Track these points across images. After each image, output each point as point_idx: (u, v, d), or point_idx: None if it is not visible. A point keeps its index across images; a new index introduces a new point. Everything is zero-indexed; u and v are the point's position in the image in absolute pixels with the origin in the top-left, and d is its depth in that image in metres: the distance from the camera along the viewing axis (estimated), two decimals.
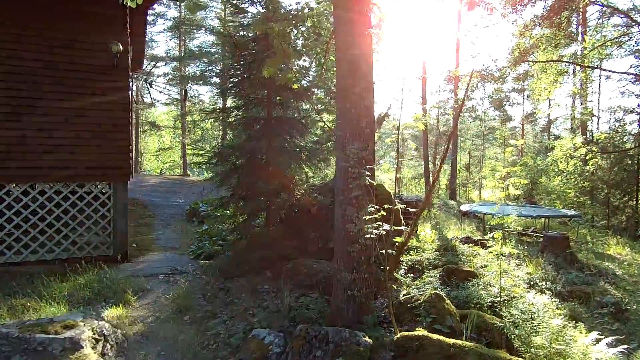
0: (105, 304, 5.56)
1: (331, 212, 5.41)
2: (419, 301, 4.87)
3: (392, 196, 7.59)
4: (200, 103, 36.65)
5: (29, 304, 5.31)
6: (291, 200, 6.77)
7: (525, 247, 9.05)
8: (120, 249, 7.50)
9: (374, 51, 4.88)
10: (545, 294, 6.38)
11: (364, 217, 4.26)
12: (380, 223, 3.95)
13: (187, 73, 31.05)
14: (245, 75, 6.72)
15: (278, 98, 6.66)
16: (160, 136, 38.35)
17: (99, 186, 7.41)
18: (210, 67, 28.55)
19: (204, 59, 28.93)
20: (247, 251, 6.68)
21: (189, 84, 32.06)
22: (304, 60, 6.61)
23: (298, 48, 5.95)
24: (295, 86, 5.53)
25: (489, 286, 5.96)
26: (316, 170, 7.07)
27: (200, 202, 12.18)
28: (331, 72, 6.94)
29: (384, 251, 4.32)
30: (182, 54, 30.74)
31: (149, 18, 33.91)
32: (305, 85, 6.51)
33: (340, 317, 4.57)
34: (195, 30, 29.67)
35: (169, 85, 34.69)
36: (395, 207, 5.04)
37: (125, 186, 7.53)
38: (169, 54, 32.42)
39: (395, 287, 5.80)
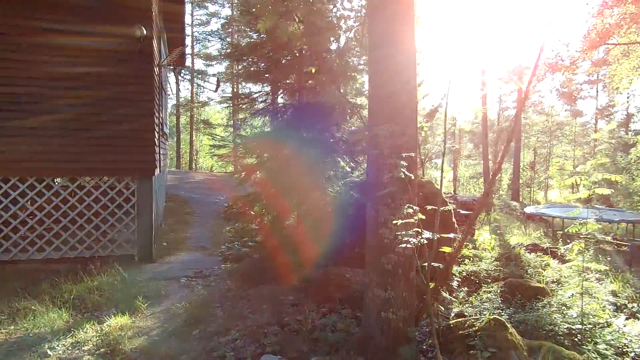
0: (116, 311, 5.02)
1: None
2: (474, 328, 3.84)
3: (443, 195, 6.52)
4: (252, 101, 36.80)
5: (33, 307, 4.86)
6: (324, 198, 5.92)
7: (608, 258, 7.58)
8: (144, 248, 7.02)
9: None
10: (638, 319, 5.08)
11: (400, 221, 3.31)
12: (419, 229, 3.00)
13: (239, 70, 31.20)
14: (274, 58, 5.96)
15: (309, 82, 5.84)
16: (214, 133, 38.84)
17: (122, 181, 6.97)
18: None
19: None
20: (274, 255, 5.92)
21: (241, 81, 32.23)
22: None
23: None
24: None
25: (564, 308, 4.77)
26: (354, 164, 6.17)
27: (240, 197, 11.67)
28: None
29: (428, 264, 3.37)
30: (235, 52, 30.93)
31: (203, 18, 34.47)
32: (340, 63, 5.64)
33: (370, 344, 3.65)
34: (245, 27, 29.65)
35: (222, 82, 35.06)
36: (444, 208, 4.04)
37: (150, 181, 7.04)
38: (221, 53, 32.73)
39: (442, 308, 4.77)
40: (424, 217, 3.29)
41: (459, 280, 6.21)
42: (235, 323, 4.66)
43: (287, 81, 6.08)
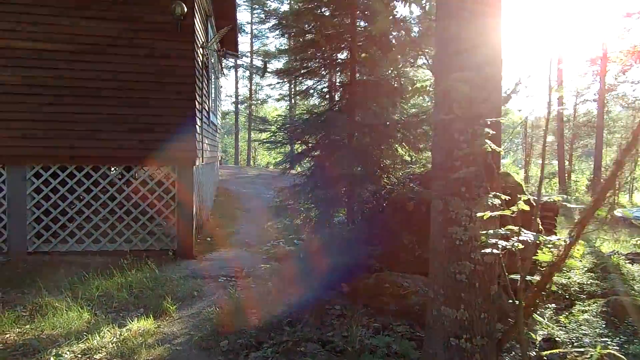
0: (143, 312, 4.51)
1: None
2: None
3: (524, 191, 5.44)
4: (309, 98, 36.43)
5: (56, 304, 4.46)
6: (379, 191, 5.07)
7: None
8: (184, 243, 6.54)
9: None
10: None
11: (480, 216, 2.41)
12: (515, 227, 2.09)
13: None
14: (321, 30, 5.19)
15: (363, 55, 5.00)
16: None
17: (162, 171, 6.54)
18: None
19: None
20: (320, 255, 5.16)
21: (297, 76, 31.95)
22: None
23: None
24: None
25: None
26: (414, 151, 5.25)
27: None
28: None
29: (516, 275, 2.44)
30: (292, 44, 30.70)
31: (262, 15, 34.53)
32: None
33: None
34: None
35: (279, 80, 35.00)
36: (521, 204, 3.07)
37: (191, 172, 6.55)
38: (279, 49, 32.64)
39: (532, 334, 3.75)
40: (510, 211, 2.36)
41: (543, 294, 5.10)
42: (270, 335, 3.94)
43: (339, 56, 5.28)
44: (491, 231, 2.12)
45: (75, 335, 3.80)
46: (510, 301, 2.49)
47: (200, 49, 6.95)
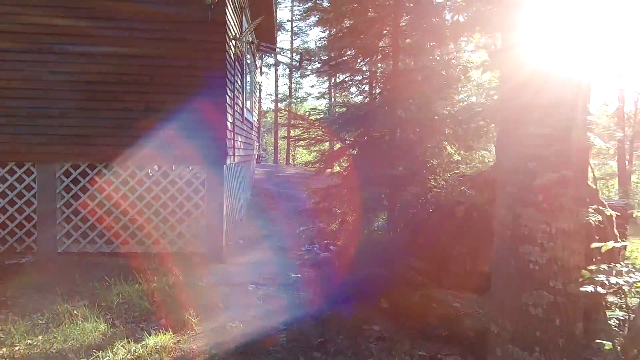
0: (163, 323, 4.16)
1: (489, 217, 3.02)
2: None
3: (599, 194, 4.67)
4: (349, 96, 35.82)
5: (75, 312, 4.19)
6: (424, 194, 4.48)
7: None
8: (214, 246, 6.19)
9: None
10: None
11: (566, 231, 1.81)
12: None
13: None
14: (360, 13, 4.65)
15: (407, 41, 4.42)
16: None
17: (191, 169, 6.21)
18: None
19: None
20: (357, 264, 4.63)
21: (333, 66, 31.44)
22: None
23: None
24: None
25: None
26: (465, 150, 4.62)
27: None
28: None
29: (614, 312, 1.84)
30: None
31: (302, 9, 34.23)
32: None
33: None
34: None
35: (319, 78, 34.64)
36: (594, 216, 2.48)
37: (221, 171, 6.19)
38: (319, 46, 32.27)
39: None
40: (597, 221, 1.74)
41: None
42: (298, 358, 3.47)
43: (380, 44, 4.72)
44: (604, 266, 1.52)
45: (86, 351, 3.48)
46: (609, 346, 1.87)
47: (233, 41, 6.57)
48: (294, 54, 30.50)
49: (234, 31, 6.84)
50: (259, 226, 8.80)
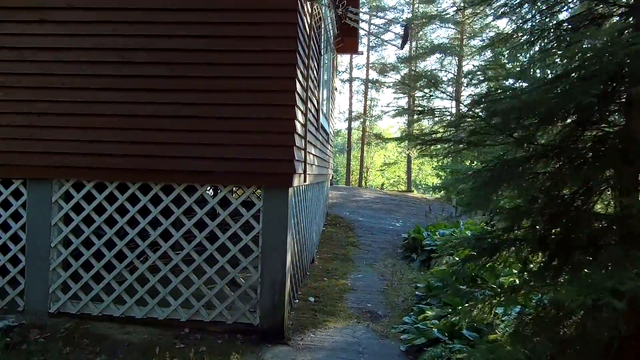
0: None
1: None
2: None
3: None
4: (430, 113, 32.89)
5: None
6: None
7: None
8: (271, 314, 3.94)
9: None
10: None
11: None
12: None
13: (418, 70, 27.81)
14: None
15: None
16: (385, 149, 36.21)
17: (239, 196, 4.07)
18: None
19: (438, 53, 25.27)
20: None
21: (420, 84, 28.78)
22: None
23: None
24: None
25: None
26: None
27: (425, 229, 7.98)
28: None
29: None
30: (414, 52, 27.74)
31: (380, 29, 32.21)
32: None
33: None
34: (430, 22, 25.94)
35: (397, 93, 32.26)
36: None
37: (285, 197, 3.97)
38: (399, 58, 29.90)
39: None
40: None
41: None
42: None
43: None
44: None
45: None
46: None
47: (304, 20, 4.41)
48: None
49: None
50: (336, 271, 6.45)
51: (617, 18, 2.45)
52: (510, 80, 2.48)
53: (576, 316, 2.29)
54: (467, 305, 2.68)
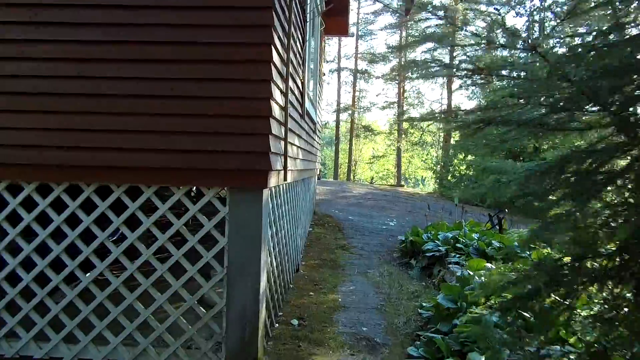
0: None
1: None
2: None
3: None
4: (419, 105, 32.17)
5: None
6: None
7: None
8: (242, 353, 3.02)
9: None
10: None
11: None
12: None
13: (406, 60, 26.92)
14: None
15: None
16: (374, 142, 35.38)
17: (198, 199, 3.12)
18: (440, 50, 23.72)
19: (429, 42, 24.39)
20: None
21: (408, 81, 27.92)
22: None
23: None
24: None
25: None
26: None
27: (424, 230, 7.10)
28: None
29: None
30: (405, 42, 26.86)
31: (369, 16, 31.19)
32: None
33: None
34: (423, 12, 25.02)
35: (386, 84, 31.38)
36: None
37: (258, 201, 3.03)
38: (389, 47, 28.97)
39: None
40: None
41: None
42: None
43: None
44: None
45: None
46: None
47: None
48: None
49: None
50: (324, 282, 5.56)
51: None
52: None
53: None
54: None
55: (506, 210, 6.46)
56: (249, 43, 2.91)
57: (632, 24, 1.72)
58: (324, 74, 9.99)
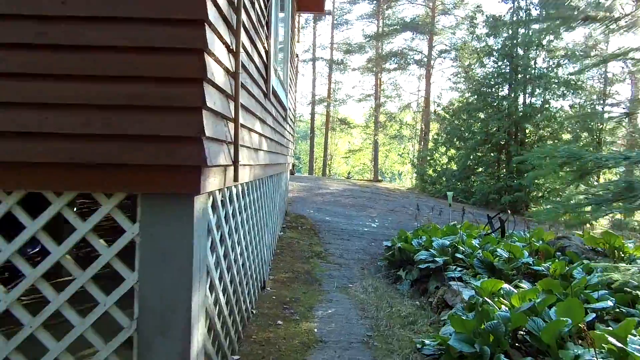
0: None
1: None
2: None
3: None
4: (396, 98, 31.37)
5: None
6: None
7: None
8: None
9: None
10: None
11: None
12: None
13: (384, 51, 26.04)
14: None
15: None
16: (350, 135, 34.47)
17: (90, 213, 1.99)
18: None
19: (408, 32, 23.50)
20: None
21: (384, 71, 27.08)
22: None
23: None
24: None
25: None
26: None
27: (413, 234, 6.08)
28: None
29: None
30: (381, 30, 25.91)
31: (346, 5, 30.07)
32: None
33: None
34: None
35: (363, 75, 30.44)
36: None
37: (188, 213, 1.91)
38: (366, 37, 27.94)
39: None
40: None
41: None
42: None
43: None
44: None
45: None
46: None
47: None
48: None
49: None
50: (298, 306, 4.48)
51: None
52: None
53: None
54: None
55: (509, 211, 5.54)
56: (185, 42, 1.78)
57: None
58: (297, 56, 8.87)
